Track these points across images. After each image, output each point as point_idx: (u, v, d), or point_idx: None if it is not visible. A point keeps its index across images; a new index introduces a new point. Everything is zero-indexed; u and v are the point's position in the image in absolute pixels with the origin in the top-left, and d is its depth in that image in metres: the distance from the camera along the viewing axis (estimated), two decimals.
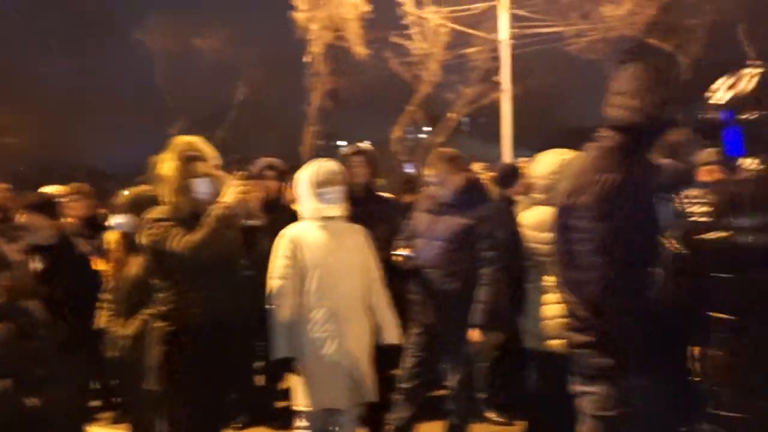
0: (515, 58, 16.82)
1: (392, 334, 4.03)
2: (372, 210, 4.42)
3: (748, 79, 2.10)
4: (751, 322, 2.00)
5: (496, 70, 17.07)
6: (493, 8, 16.72)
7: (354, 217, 4.02)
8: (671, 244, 2.11)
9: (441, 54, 16.80)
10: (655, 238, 2.23)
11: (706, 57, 17.25)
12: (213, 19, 19.72)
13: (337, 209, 3.89)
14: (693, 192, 2.10)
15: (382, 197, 4.80)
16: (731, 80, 2.16)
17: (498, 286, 4.20)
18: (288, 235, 3.89)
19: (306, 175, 3.92)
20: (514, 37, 16.87)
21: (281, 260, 3.83)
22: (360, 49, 16.37)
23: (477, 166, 6.84)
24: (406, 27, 16.36)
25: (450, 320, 4.27)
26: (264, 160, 5.32)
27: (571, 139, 4.84)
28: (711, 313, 2.04)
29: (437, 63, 16.87)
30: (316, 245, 3.84)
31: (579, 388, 2.61)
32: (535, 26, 16.78)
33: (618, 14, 16.42)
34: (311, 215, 3.90)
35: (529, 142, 16.23)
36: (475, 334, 4.20)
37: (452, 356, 4.36)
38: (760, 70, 2.11)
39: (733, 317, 2.01)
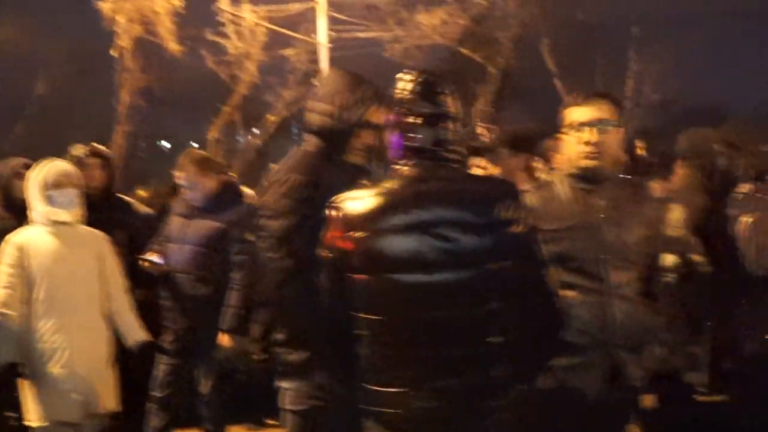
0: (334, 61, 16.99)
1: (137, 335, 3.83)
2: (111, 215, 4.23)
3: (404, 85, 2.14)
4: (394, 321, 2.04)
5: (315, 73, 17.15)
6: (312, 10, 16.80)
7: (92, 223, 3.82)
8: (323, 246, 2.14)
9: (258, 54, 16.59)
10: None
11: (512, 68, 18.38)
12: (7, 7, 18.31)
13: (69, 214, 3.68)
14: (344, 195, 2.13)
15: (123, 201, 4.61)
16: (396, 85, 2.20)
17: (249, 290, 4.18)
18: (14, 241, 3.63)
19: (35, 176, 3.68)
20: (332, 40, 17.06)
21: (5, 268, 3.57)
22: (173, 46, 15.78)
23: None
24: (221, 25, 16.02)
25: (201, 325, 4.20)
26: (20, 160, 4.96)
27: None
28: (356, 314, 2.08)
29: (255, 63, 16.65)
30: (44, 252, 3.61)
31: (280, 384, 2.67)
32: (353, 30, 17.07)
33: (432, 23, 17.06)
34: (41, 219, 3.67)
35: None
36: (225, 339, 4.16)
37: (205, 362, 4.29)
38: (415, 76, 2.15)
39: (376, 317, 2.05)
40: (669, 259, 3.98)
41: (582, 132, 2.56)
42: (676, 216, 4.17)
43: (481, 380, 2.04)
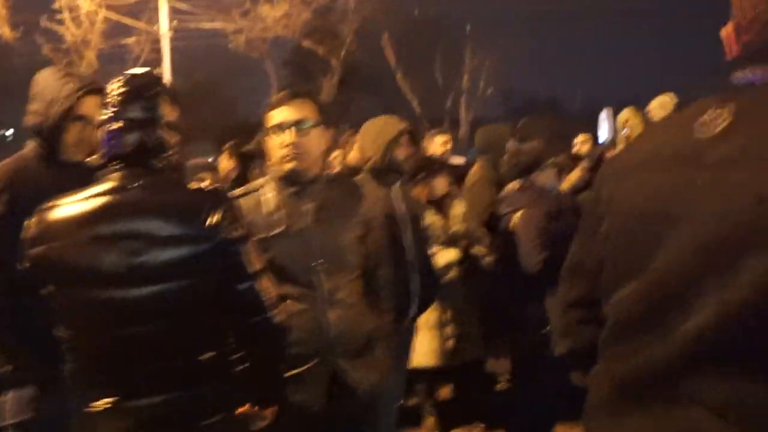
0: (176, 51, 16.96)
1: None
2: None
3: (113, 87, 1.99)
4: (90, 337, 1.97)
5: (157, 62, 17.03)
6: None
7: None
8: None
9: (98, 42, 16.30)
10: None
11: (355, 61, 18.99)
12: None
13: None
14: (46, 203, 2.00)
15: None
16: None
17: None
18: None
19: None
20: (174, 29, 17.00)
21: None
22: (5, 31, 15.29)
23: None
24: (58, 11, 15.62)
25: None
26: None
27: (240, 135, 5.00)
28: (55, 329, 1.98)
29: (94, 51, 16.34)
30: None
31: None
32: (196, 20, 17.08)
33: (275, 15, 17.34)
34: None
35: (190, 137, 16.55)
36: None
37: None
38: (125, 79, 2.00)
39: (72, 332, 1.97)
40: (450, 255, 4.01)
41: (281, 134, 2.47)
42: (459, 211, 4.14)
43: (188, 398, 1.94)
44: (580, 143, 6.31)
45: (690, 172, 1.24)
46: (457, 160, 6.41)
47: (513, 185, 4.00)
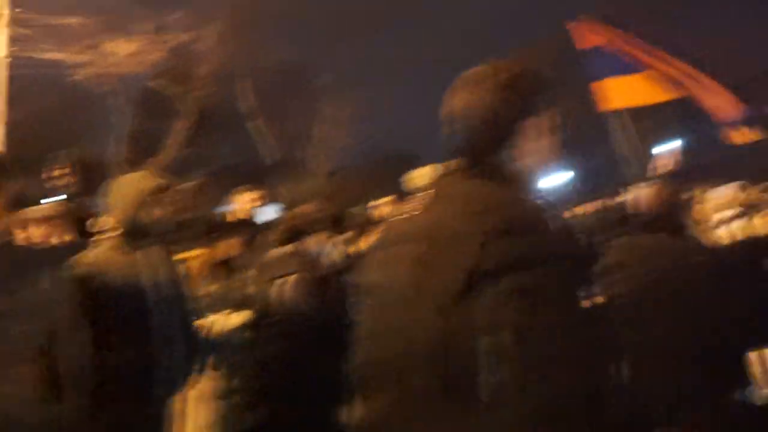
0: (14, 80, 15.65)
1: None
2: None
3: None
4: None
5: None
6: None
7: None
8: None
9: None
10: None
11: (209, 105, 18.34)
12: None
13: None
14: None
15: None
16: None
17: None
18: None
19: None
20: (12, 56, 15.72)
21: None
22: None
23: None
24: None
25: None
26: None
27: None
28: None
29: None
30: None
31: None
32: (38, 49, 15.91)
33: (126, 51, 16.47)
34: None
35: (22, 170, 15.24)
36: None
37: None
38: None
39: None
40: (240, 318, 3.79)
41: None
42: (251, 272, 3.82)
43: None
44: (382, 205, 6.02)
45: (394, 248, 1.60)
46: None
47: (284, 249, 3.83)
